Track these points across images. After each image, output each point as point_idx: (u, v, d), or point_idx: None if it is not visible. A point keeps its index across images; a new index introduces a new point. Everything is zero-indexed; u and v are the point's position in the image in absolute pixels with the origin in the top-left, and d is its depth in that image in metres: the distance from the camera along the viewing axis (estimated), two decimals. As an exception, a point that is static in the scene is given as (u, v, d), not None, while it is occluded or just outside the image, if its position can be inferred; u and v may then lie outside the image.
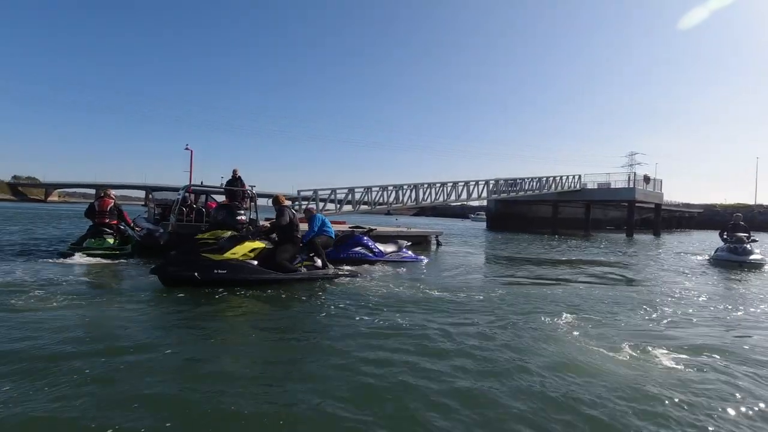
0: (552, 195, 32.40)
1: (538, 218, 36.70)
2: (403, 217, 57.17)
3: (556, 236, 26.42)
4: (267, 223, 7.39)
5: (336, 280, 7.05)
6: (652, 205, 36.68)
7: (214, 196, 11.56)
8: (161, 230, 10.12)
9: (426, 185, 23.73)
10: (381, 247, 9.97)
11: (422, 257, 10.73)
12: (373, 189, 21.57)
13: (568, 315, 5.02)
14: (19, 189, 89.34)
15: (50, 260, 7.89)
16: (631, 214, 33.11)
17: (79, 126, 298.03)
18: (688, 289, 7.67)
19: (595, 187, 34.10)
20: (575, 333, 4.31)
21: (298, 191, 19.73)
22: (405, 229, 15.79)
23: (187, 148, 12.29)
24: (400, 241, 10.65)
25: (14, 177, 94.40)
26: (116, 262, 8.19)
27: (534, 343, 3.97)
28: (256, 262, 6.30)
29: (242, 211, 9.91)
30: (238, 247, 6.22)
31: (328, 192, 19.80)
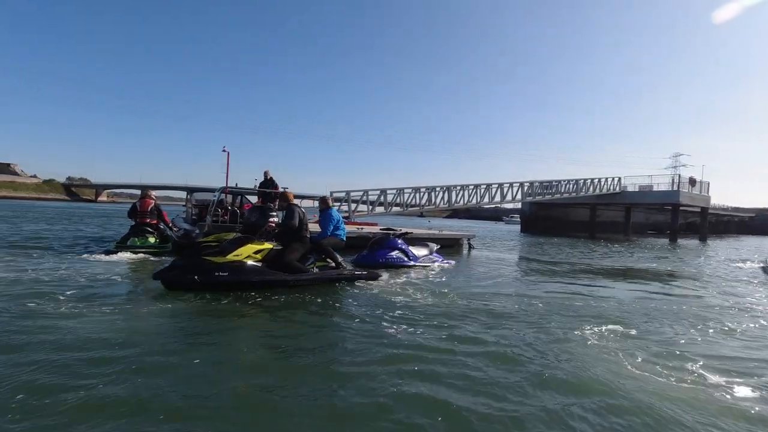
0: (590, 198, 31.40)
1: (574, 221, 35.66)
2: (435, 219, 56.81)
3: (594, 240, 25.59)
4: (272, 223, 7.03)
5: (355, 283, 6.75)
6: (698, 209, 34.98)
7: (248, 197, 11.87)
8: (197, 231, 10.44)
9: (459, 187, 23.49)
10: (414, 250, 9.68)
11: (451, 260, 10.42)
12: (406, 191, 21.57)
13: (610, 329, 4.57)
14: (73, 189, 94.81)
15: (97, 257, 8.30)
16: (675, 218, 31.64)
17: (126, 129, 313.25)
18: (741, 300, 7.04)
19: (636, 189, 32.80)
20: (619, 352, 3.81)
21: (330, 192, 19.94)
22: (436, 232, 15.65)
23: (224, 150, 12.64)
24: (431, 245, 10.35)
25: (68, 178, 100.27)
26: (159, 259, 8.52)
27: (573, 365, 3.48)
28: (261, 264, 6.07)
29: (274, 213, 10.10)
30: (241, 248, 6.00)
31: (361, 193, 19.94)
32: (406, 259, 9.30)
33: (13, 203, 47.90)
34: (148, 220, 9.53)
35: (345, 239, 7.20)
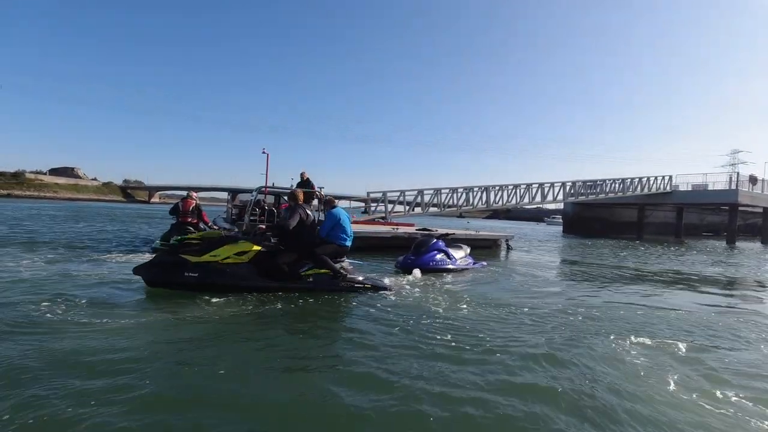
0: (637, 197, 30.02)
1: (620, 222, 34.17)
2: (474, 220, 55.99)
3: (643, 243, 24.44)
4: (263, 226, 6.68)
5: (359, 294, 5.95)
6: (760, 209, 32.59)
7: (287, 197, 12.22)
8: (236, 230, 10.84)
9: (497, 187, 23.15)
10: (454, 252, 9.18)
11: (483, 262, 10.04)
12: (443, 191, 21.50)
13: (660, 346, 4.08)
14: (128, 191, 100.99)
15: (144, 254, 8.87)
16: (733, 219, 29.63)
17: (178, 132, 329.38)
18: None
19: (689, 188, 31.03)
20: (670, 377, 3.31)
21: (368, 193, 20.22)
22: (473, 233, 15.48)
23: (264, 152, 12.94)
24: (465, 246, 9.82)
25: (125, 181, 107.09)
26: None
27: (614, 387, 3.08)
28: (247, 266, 5.69)
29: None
30: (220, 248, 5.67)
31: (398, 194, 20.04)
32: (448, 261, 8.89)
33: (76, 204, 51.56)
34: (189, 219, 9.98)
35: (347, 244, 6.22)
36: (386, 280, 6.54)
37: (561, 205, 36.27)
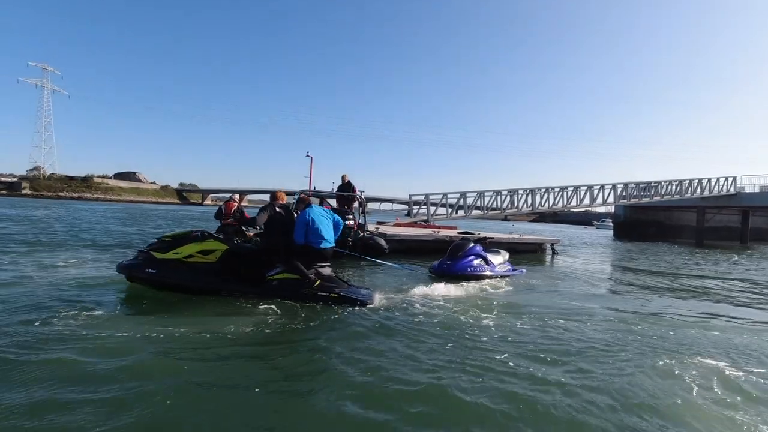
0: (697, 200, 28.20)
1: (678, 226, 32.27)
2: (519, 223, 54.74)
3: (703, 248, 22.96)
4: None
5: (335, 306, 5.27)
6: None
7: (329, 200, 12.47)
8: None
9: (543, 189, 22.55)
10: (492, 258, 8.58)
11: (522, 269, 9.32)
12: (486, 194, 21.22)
13: (722, 373, 3.59)
14: (183, 194, 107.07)
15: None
16: (810, 224, 27.18)
17: (228, 138, 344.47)
18: None
19: (756, 190, 28.79)
20: (735, 413, 2.93)
21: (410, 195, 20.32)
22: (517, 236, 15.19)
23: (307, 155, 13.23)
24: (503, 252, 9.22)
25: (180, 184, 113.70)
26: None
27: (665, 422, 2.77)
28: (213, 266, 5.49)
29: (350, 216, 10.21)
30: (184, 246, 5.50)
31: (440, 196, 20.00)
32: (486, 267, 8.30)
33: (137, 206, 55.26)
34: (231, 221, 10.37)
35: (323, 247, 5.52)
36: (376, 295, 5.71)
37: (612, 208, 34.76)
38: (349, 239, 9.99)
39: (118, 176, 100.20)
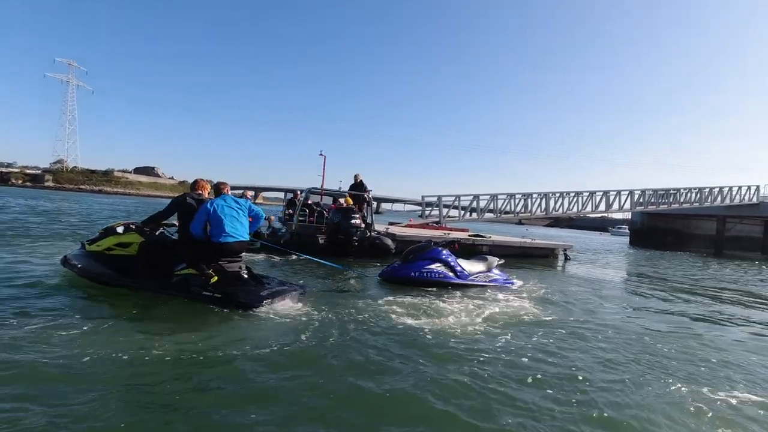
0: (718, 209, 27.54)
1: (697, 235, 31.49)
2: (534, 228, 54.19)
3: (722, 258, 22.44)
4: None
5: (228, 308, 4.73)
6: None
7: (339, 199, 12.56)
8: (284, 229, 11.05)
9: (558, 194, 22.31)
10: (465, 265, 7.66)
11: (513, 280, 8.10)
12: (500, 197, 21.09)
13: (740, 399, 3.32)
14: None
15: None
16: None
17: (241, 136, 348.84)
18: None
19: (780, 201, 28.00)
20: None
21: (422, 197, 20.30)
22: (529, 240, 15.14)
23: (321, 154, 13.39)
24: (491, 258, 8.22)
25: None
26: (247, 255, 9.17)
27: None
28: (127, 259, 5.34)
29: (357, 215, 10.21)
30: (104, 239, 5.47)
31: (453, 198, 19.96)
32: (450, 275, 7.35)
33: (156, 201, 56.21)
34: None
35: (225, 241, 4.93)
36: (284, 298, 5.01)
37: (628, 215, 34.20)
38: (355, 238, 10.02)
39: (138, 171, 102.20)
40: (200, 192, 5.36)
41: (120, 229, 5.51)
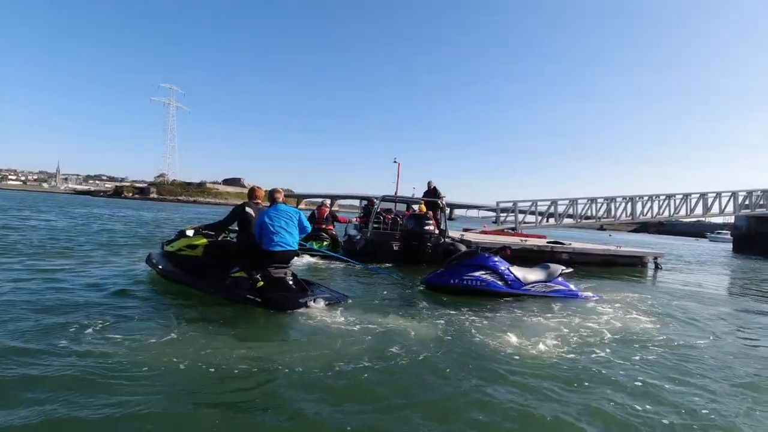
0: None
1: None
2: (618, 234, 50.65)
3: None
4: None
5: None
6: None
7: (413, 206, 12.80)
8: (359, 236, 11.25)
9: (645, 197, 20.84)
10: (519, 273, 7.02)
11: (587, 294, 7.21)
12: (580, 201, 20.21)
13: None
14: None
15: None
16: None
17: (319, 146, 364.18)
18: None
19: None
20: None
21: (497, 203, 20.05)
22: (614, 248, 14.28)
23: (395, 161, 13.32)
24: (553, 266, 7.37)
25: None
26: (327, 262, 9.37)
27: None
28: (195, 260, 5.84)
29: (430, 221, 10.29)
30: (178, 241, 6.06)
31: (529, 203, 19.48)
32: (499, 283, 6.79)
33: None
34: (323, 226, 10.92)
35: (273, 249, 5.19)
36: (318, 302, 5.15)
37: (732, 219, 30.79)
38: (429, 244, 10.13)
39: (226, 182, 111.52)
40: (258, 201, 5.72)
41: (190, 233, 6.00)
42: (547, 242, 13.58)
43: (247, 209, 5.53)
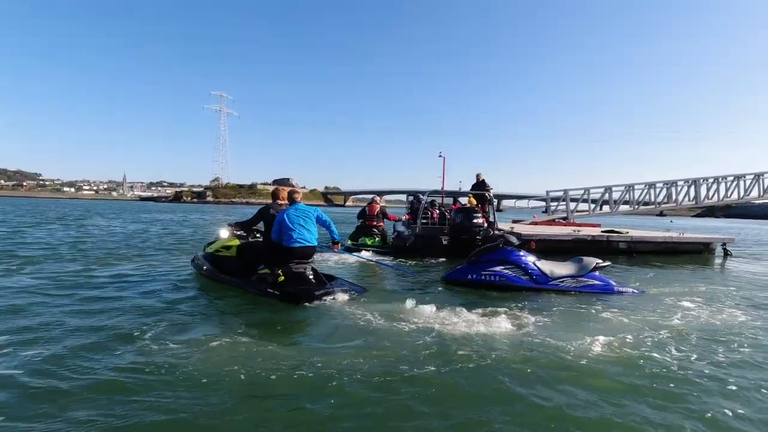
0: None
1: None
2: (679, 219, 47.41)
3: None
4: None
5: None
6: None
7: (460, 200, 12.67)
8: (408, 232, 11.23)
9: (710, 179, 19.42)
10: (545, 266, 6.63)
11: (627, 288, 6.65)
12: (637, 187, 19.16)
13: None
14: (328, 196, 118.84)
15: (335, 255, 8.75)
16: None
17: (366, 142, 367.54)
18: None
19: None
20: None
21: (547, 192, 19.45)
22: (675, 235, 13.23)
23: (440, 156, 13.28)
24: (587, 259, 6.75)
25: (325, 188, 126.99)
26: (379, 257, 9.53)
27: None
28: (229, 260, 6.29)
29: (479, 214, 10.24)
30: (216, 242, 6.58)
31: (581, 191, 18.73)
32: (523, 278, 6.50)
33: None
34: (375, 223, 11.10)
35: (292, 246, 5.49)
36: (336, 294, 5.35)
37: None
38: (478, 237, 10.02)
39: (275, 182, 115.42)
40: (281, 201, 6.04)
41: (224, 233, 6.61)
42: (602, 231, 13.05)
43: (271, 210, 5.92)
